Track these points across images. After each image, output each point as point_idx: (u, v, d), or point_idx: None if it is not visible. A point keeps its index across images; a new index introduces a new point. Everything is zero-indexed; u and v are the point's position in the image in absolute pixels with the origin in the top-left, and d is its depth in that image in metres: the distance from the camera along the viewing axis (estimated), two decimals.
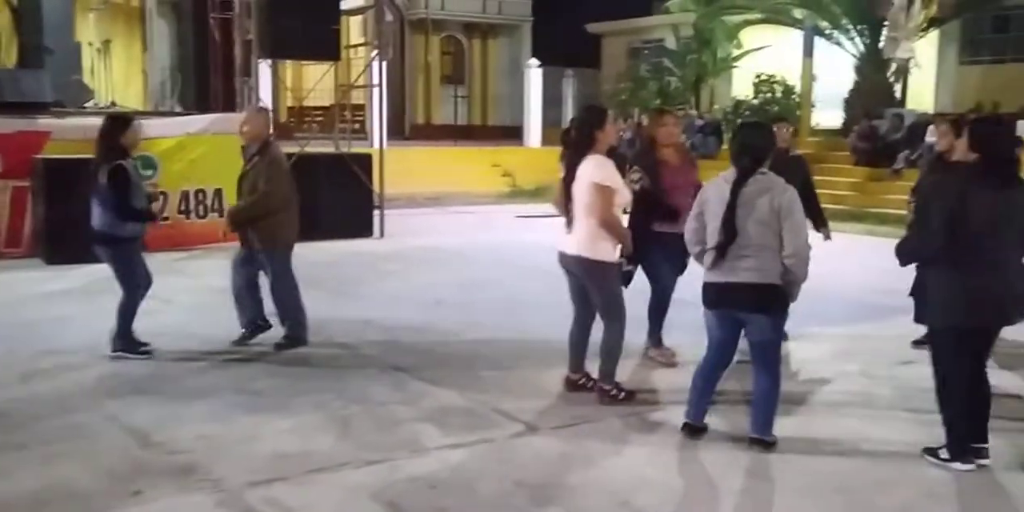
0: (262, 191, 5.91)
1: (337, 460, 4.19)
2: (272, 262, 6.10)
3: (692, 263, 4.78)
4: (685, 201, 5.16)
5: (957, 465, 4.19)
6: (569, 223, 5.01)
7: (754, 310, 4.29)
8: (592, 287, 5.04)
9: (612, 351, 5.07)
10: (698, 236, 4.42)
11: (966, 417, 4.22)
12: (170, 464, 4.14)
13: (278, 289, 6.16)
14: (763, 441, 4.40)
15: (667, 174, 5.71)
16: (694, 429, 4.55)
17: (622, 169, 5.25)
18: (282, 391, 5.23)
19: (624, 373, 5.28)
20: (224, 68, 12.60)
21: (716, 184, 4.38)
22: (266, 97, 13.10)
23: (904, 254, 4.23)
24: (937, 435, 4.39)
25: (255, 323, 6.22)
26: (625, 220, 5.28)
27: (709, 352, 4.53)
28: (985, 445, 4.23)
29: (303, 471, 4.07)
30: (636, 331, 5.51)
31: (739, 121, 5.61)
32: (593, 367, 5.21)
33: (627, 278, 5.61)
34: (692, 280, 4.91)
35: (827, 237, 6.59)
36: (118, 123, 5.92)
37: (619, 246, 5.06)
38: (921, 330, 6.27)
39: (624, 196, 5.01)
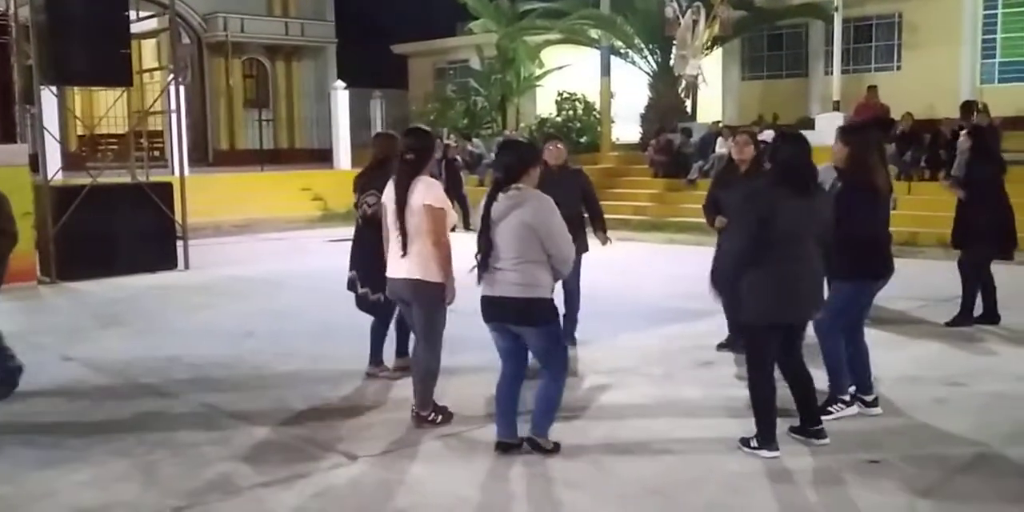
0: (11, 232, 5.64)
1: (141, 510, 3.96)
2: None
3: None
4: None
5: (764, 453, 4.47)
6: (400, 247, 4.93)
7: (520, 323, 4.40)
8: (418, 308, 4.98)
9: (428, 376, 5.03)
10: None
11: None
12: None
13: None
14: (536, 442, 4.50)
15: None
16: (507, 446, 4.55)
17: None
18: (78, 440, 4.88)
19: (444, 391, 5.28)
20: (2, 96, 11.73)
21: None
22: (52, 126, 12.34)
23: (731, 268, 4.53)
24: (738, 431, 4.67)
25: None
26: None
27: (503, 365, 4.60)
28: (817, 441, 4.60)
29: None
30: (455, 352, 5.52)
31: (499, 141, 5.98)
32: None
33: (372, 306, 5.82)
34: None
35: (604, 242, 7.01)
36: None
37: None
38: (723, 333, 6.71)
39: (453, 217, 5.03)
